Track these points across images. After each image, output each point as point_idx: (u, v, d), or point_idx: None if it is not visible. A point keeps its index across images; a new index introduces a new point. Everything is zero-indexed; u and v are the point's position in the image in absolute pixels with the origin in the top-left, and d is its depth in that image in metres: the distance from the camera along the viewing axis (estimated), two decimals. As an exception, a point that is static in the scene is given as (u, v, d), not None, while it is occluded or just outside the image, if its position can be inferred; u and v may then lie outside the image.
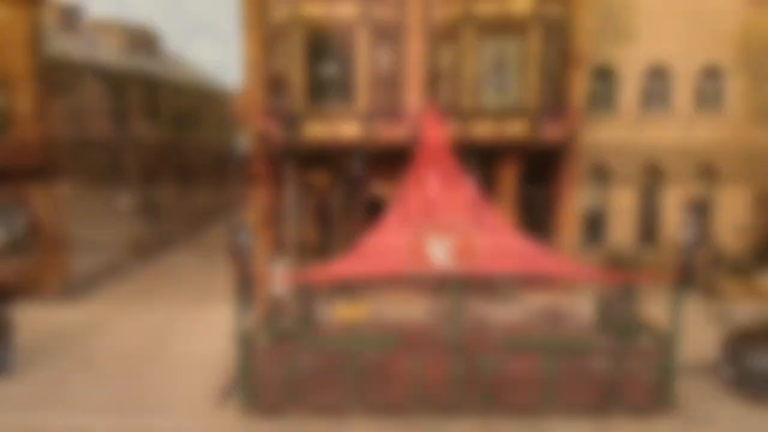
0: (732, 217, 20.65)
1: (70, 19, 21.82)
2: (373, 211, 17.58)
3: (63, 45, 19.37)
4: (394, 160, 17.34)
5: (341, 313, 14.05)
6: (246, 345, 11.10)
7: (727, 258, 19.70)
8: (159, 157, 25.36)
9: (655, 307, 16.37)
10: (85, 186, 19.33)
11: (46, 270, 18.02)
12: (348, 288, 16.70)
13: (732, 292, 17.23)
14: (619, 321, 12.99)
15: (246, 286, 11.62)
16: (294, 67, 15.71)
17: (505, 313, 16.26)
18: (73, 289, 18.62)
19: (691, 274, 10.57)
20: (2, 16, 16.93)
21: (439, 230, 11.80)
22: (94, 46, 22.36)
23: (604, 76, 19.92)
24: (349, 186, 17.38)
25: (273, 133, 16.03)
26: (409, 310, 16.68)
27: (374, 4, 15.58)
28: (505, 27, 15.57)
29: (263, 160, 16.94)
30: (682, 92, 19.89)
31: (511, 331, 11.55)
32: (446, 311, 14.16)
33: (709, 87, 20.11)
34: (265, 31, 16.34)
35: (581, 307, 15.46)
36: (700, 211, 20.70)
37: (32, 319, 16.79)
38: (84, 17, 23.89)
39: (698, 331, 14.99)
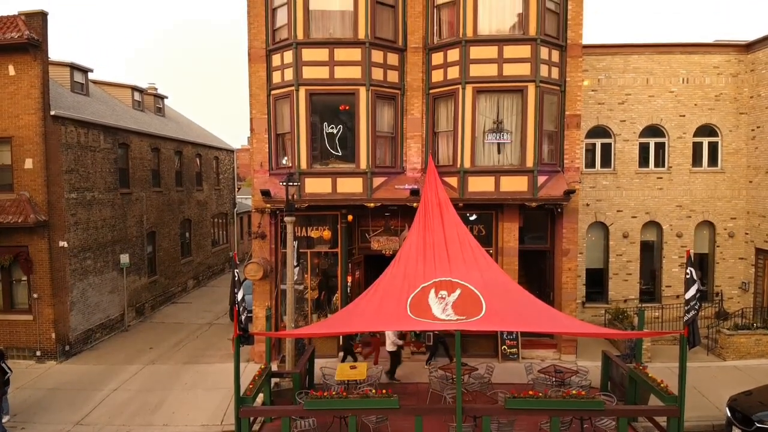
0: (734, 272, 20.62)
1: (79, 78, 22.37)
2: (375, 265, 17.55)
3: (71, 104, 19.83)
4: (394, 216, 17.53)
5: (341, 372, 13.78)
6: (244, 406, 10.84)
7: (731, 313, 19.53)
8: (160, 213, 25.52)
9: (660, 364, 16.17)
10: (86, 242, 19.35)
11: (44, 325, 17.80)
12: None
13: (737, 348, 16.96)
14: (625, 380, 12.73)
15: (246, 342, 11.39)
16: (297, 126, 16.06)
17: (509, 372, 15.99)
18: (71, 345, 18.34)
19: (696, 331, 10.43)
20: (11, 74, 17.41)
21: (442, 285, 11.72)
22: (101, 105, 22.90)
23: (603, 136, 20.37)
24: (350, 241, 17.43)
25: (275, 189, 16.20)
26: (411, 368, 16.40)
27: (375, 67, 16.10)
28: (503, 89, 16.00)
29: (265, 216, 17.06)
30: (679, 151, 20.27)
31: (515, 391, 11.28)
32: (449, 370, 13.92)
33: (705, 146, 20.49)
34: (269, 92, 16.80)
35: (586, 365, 15.20)
36: (702, 266, 20.69)
37: (28, 375, 16.52)
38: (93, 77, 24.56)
39: (705, 388, 14.69)
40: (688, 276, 10.36)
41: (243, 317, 10.82)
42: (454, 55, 16.14)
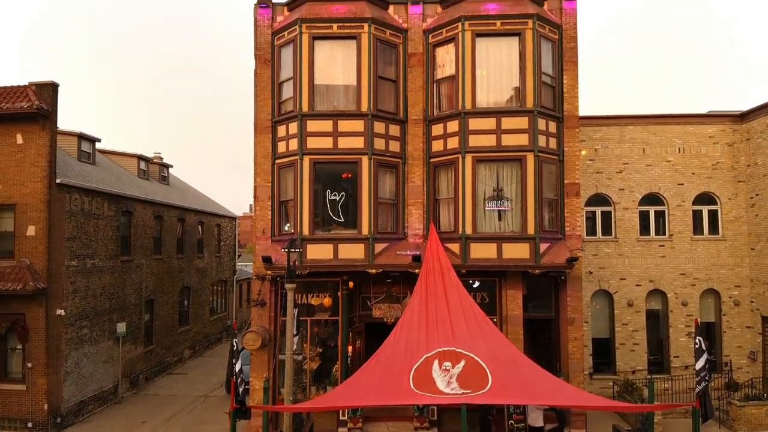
0: (742, 341, 20.22)
1: (87, 147, 22.74)
2: (376, 334, 17.21)
3: (77, 172, 20.09)
4: (396, 283, 17.37)
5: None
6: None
7: (741, 383, 18.99)
8: (160, 281, 25.33)
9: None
10: (84, 310, 19.09)
11: (37, 396, 17.26)
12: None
13: (748, 420, 16.37)
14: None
15: (242, 417, 11.00)
16: (300, 193, 16.23)
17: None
18: (62, 417, 17.71)
19: (708, 403, 10.10)
20: (18, 143, 17.70)
21: (446, 355, 11.44)
22: (106, 173, 23.23)
23: (602, 203, 20.54)
24: (351, 309, 17.19)
25: (276, 256, 16.16)
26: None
27: (377, 137, 16.46)
28: (502, 158, 16.28)
29: (265, 283, 16.92)
30: (679, 219, 20.37)
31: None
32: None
33: (705, 214, 20.62)
34: (274, 161, 17.10)
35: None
36: (710, 335, 20.30)
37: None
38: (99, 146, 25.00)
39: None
40: (696, 346, 10.17)
41: (240, 389, 10.52)
42: (453, 126, 16.53)
